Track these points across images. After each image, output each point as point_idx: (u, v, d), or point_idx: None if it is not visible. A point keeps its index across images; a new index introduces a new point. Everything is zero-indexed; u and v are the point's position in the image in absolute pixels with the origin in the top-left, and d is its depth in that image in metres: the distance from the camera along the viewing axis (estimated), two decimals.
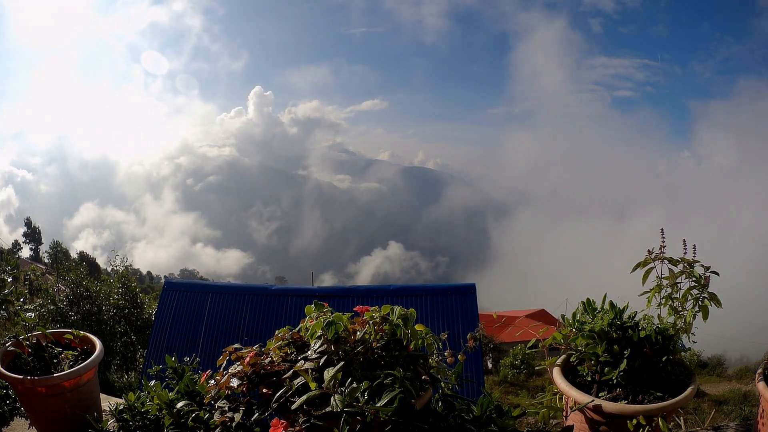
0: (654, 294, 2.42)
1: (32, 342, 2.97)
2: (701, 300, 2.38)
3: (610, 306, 2.43)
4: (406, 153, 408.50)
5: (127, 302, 13.45)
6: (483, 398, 2.11)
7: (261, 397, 2.07)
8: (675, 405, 2.17)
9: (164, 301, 9.90)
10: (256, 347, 2.20)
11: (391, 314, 2.07)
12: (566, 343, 2.51)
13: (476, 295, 9.32)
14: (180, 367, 2.89)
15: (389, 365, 1.98)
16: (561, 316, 2.64)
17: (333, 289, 11.56)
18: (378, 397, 1.79)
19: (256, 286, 10.82)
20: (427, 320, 8.72)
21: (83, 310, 12.48)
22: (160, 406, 2.58)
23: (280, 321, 8.91)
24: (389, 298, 9.11)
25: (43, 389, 2.83)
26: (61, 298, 12.58)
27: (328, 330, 2.00)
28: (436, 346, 2.21)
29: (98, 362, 3.03)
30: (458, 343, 2.42)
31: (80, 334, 3.16)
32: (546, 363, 2.52)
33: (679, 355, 2.40)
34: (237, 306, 9.50)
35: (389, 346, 2.04)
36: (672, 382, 2.31)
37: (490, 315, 10.28)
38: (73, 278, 12.77)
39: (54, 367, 2.92)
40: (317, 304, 2.16)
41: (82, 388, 2.93)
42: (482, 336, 8.27)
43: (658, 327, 2.34)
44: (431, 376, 2.09)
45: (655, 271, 2.43)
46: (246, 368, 2.10)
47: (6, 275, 3.11)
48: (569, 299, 10.38)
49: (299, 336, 2.19)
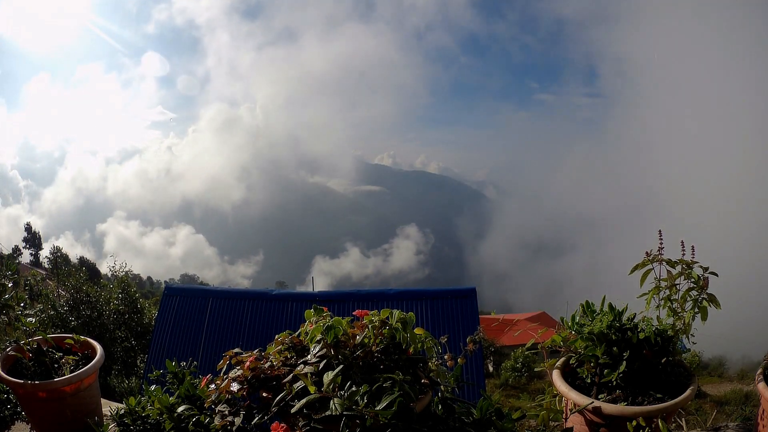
0: (653, 295, 2.42)
1: (33, 347, 2.98)
2: (700, 301, 2.38)
3: (609, 308, 2.44)
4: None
5: (127, 307, 13.45)
6: (483, 401, 2.12)
7: (261, 401, 2.08)
8: (675, 406, 2.18)
9: (165, 306, 9.91)
10: (256, 351, 2.21)
11: (390, 318, 2.07)
12: (566, 345, 2.51)
13: (476, 298, 9.33)
14: (180, 372, 2.90)
15: (389, 369, 1.98)
16: (560, 318, 2.65)
17: (333, 293, 11.56)
18: (377, 401, 1.79)
19: (257, 291, 10.83)
20: (427, 324, 8.72)
21: (83, 315, 12.48)
22: (161, 411, 2.58)
23: (280, 325, 8.91)
24: (389, 302, 9.11)
25: (43, 394, 2.84)
26: (62, 303, 12.58)
27: (327, 334, 2.00)
28: (436, 350, 2.21)
29: (99, 367, 3.04)
30: (458, 347, 2.42)
31: (81, 338, 3.16)
32: (545, 365, 2.53)
33: (679, 356, 2.41)
34: (237, 311, 9.51)
35: (388, 349, 2.05)
36: (672, 383, 2.31)
37: (491, 318, 10.28)
38: (73, 283, 12.77)
39: (55, 371, 2.93)
40: (317, 308, 2.17)
41: (82, 393, 2.94)
42: (483, 339, 8.29)
43: (657, 328, 2.35)
44: (431, 380, 2.10)
45: (653, 272, 2.44)
46: (246, 372, 2.11)
47: (6, 280, 3.11)
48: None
49: (299, 340, 2.20)
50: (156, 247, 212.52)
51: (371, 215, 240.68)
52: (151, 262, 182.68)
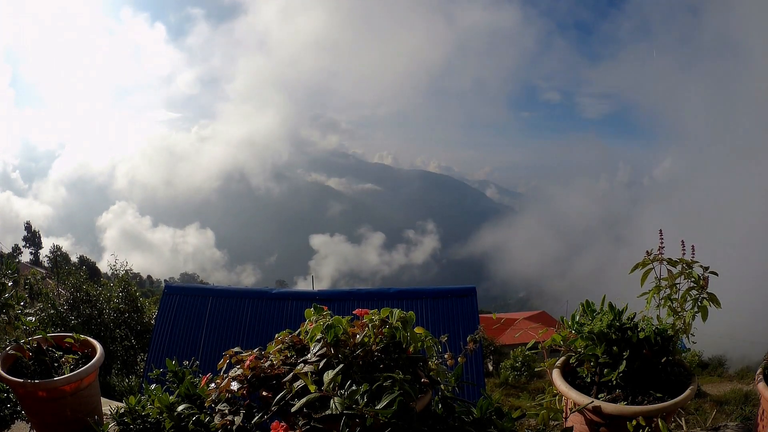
0: (653, 295, 2.42)
1: (33, 346, 2.98)
2: (700, 301, 2.38)
3: (609, 307, 2.44)
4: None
5: (127, 306, 13.45)
6: (482, 400, 2.12)
7: (261, 400, 2.08)
8: (674, 406, 2.18)
9: (164, 305, 9.89)
10: (256, 350, 2.21)
11: (390, 317, 2.07)
12: (566, 344, 2.51)
13: (476, 297, 9.32)
14: (180, 371, 2.90)
15: (389, 368, 1.98)
16: (560, 317, 2.65)
17: (333, 292, 11.56)
18: (377, 400, 1.79)
19: (257, 289, 10.82)
20: (427, 323, 8.72)
21: (83, 314, 12.48)
22: (161, 410, 2.58)
23: (280, 324, 8.90)
24: (390, 301, 9.10)
25: (43, 393, 2.84)
26: (62, 302, 12.58)
27: (327, 333, 2.01)
28: (436, 349, 2.21)
29: (99, 366, 3.03)
30: (458, 346, 2.42)
31: (81, 338, 3.16)
32: (545, 364, 2.52)
33: (679, 355, 2.40)
34: (237, 310, 9.50)
35: (388, 348, 2.05)
36: (672, 382, 2.31)
37: (491, 317, 10.28)
38: (73, 282, 12.77)
39: (55, 370, 2.92)
40: (317, 307, 2.17)
41: (82, 392, 2.94)
42: (482, 338, 8.26)
43: (657, 328, 2.34)
44: (431, 379, 2.10)
45: (653, 272, 2.43)
46: (246, 371, 2.11)
47: (6, 279, 3.11)
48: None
49: (299, 339, 2.20)
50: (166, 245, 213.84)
51: (372, 215, 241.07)
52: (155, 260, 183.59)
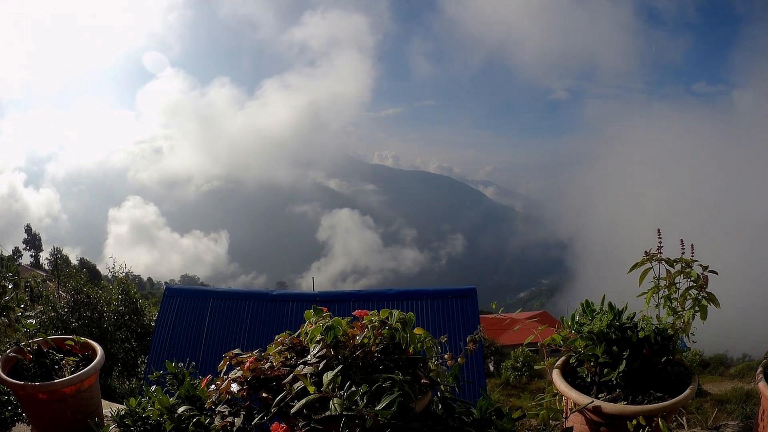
0: (652, 294, 2.42)
1: (33, 348, 2.98)
2: (699, 300, 2.38)
3: (609, 307, 2.44)
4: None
5: (128, 308, 13.44)
6: (483, 401, 2.12)
7: (261, 402, 2.08)
8: (674, 405, 2.18)
9: (165, 307, 9.90)
10: (256, 352, 2.21)
11: (390, 318, 2.07)
12: (566, 344, 2.51)
13: (477, 298, 9.32)
14: (180, 373, 2.90)
15: (388, 369, 1.99)
16: (561, 317, 2.65)
17: (333, 293, 11.55)
18: (377, 401, 1.79)
19: (257, 291, 10.81)
20: (428, 324, 8.71)
21: (84, 316, 12.47)
22: (161, 412, 2.58)
23: (280, 326, 8.89)
24: (390, 302, 9.10)
25: (44, 395, 2.84)
26: (62, 304, 12.56)
27: (327, 334, 2.01)
28: (436, 350, 2.21)
29: (99, 368, 3.04)
30: (459, 346, 2.42)
31: (81, 340, 3.16)
32: (545, 364, 2.53)
33: (679, 355, 2.41)
34: (237, 311, 9.51)
35: (388, 349, 2.05)
36: (672, 382, 2.31)
37: (492, 318, 10.29)
38: (73, 285, 12.76)
39: (55, 373, 2.93)
40: (316, 309, 2.17)
41: (83, 394, 2.94)
42: (483, 339, 8.24)
43: (657, 327, 2.34)
44: (430, 379, 2.10)
45: (652, 271, 2.43)
46: (246, 373, 2.11)
47: (7, 282, 3.11)
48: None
49: (299, 341, 2.20)
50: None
51: (371, 216, 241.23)
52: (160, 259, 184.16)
